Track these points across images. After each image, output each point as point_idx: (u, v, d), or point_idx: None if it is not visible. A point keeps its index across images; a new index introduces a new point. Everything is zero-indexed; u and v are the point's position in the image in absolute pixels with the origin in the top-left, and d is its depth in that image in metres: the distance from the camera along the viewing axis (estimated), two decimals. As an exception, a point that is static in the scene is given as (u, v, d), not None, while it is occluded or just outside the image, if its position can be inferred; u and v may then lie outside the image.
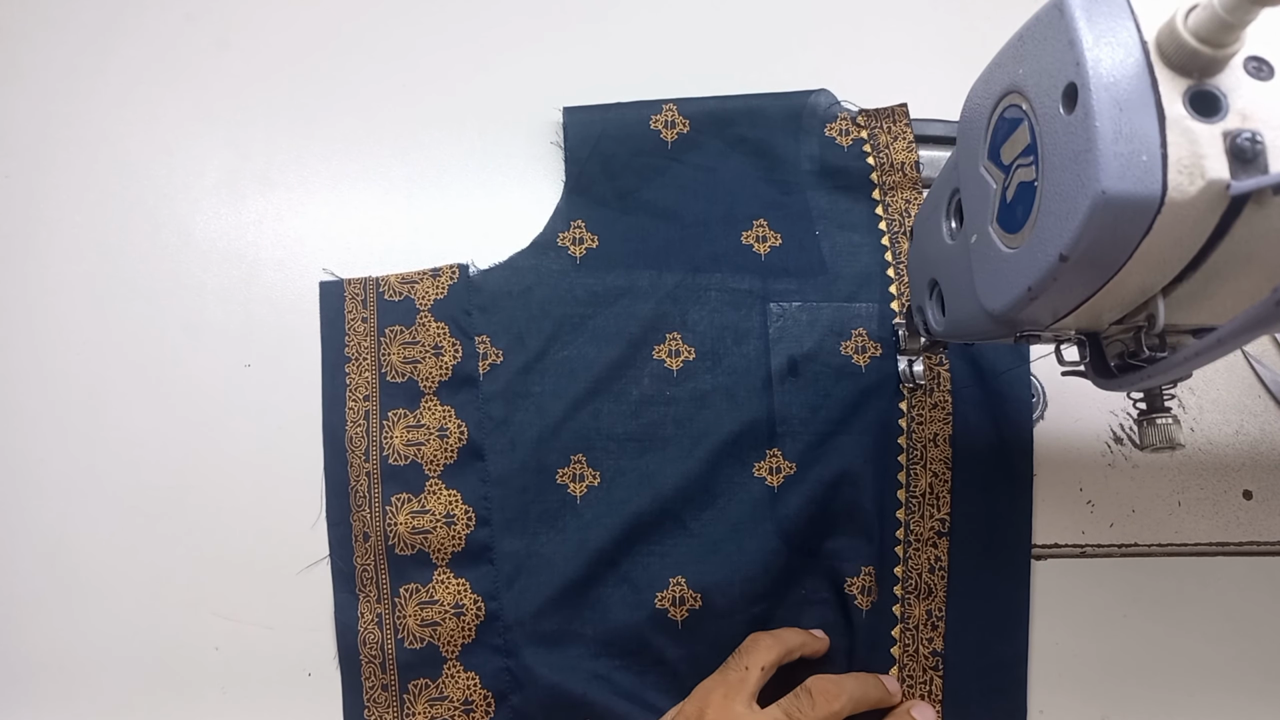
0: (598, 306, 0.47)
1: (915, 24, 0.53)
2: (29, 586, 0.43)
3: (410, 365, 0.45)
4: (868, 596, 0.44)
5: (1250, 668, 0.45)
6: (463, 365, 0.46)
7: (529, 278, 0.47)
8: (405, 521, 0.43)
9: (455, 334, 0.46)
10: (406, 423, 0.45)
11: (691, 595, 0.43)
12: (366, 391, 0.45)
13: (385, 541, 0.43)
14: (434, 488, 0.44)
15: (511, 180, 0.49)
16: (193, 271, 0.47)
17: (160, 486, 0.44)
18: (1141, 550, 0.46)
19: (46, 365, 0.45)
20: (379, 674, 0.43)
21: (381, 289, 0.46)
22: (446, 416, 0.45)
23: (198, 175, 0.49)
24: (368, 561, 0.43)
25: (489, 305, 0.46)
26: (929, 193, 0.38)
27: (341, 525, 0.44)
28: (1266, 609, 0.46)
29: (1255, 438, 0.48)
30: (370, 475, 0.44)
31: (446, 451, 0.45)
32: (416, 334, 0.46)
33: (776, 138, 0.49)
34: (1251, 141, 0.22)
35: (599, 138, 0.48)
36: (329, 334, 0.46)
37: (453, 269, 0.47)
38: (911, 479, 0.46)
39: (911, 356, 0.46)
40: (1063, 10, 0.24)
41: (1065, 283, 0.25)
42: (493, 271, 0.47)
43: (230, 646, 0.43)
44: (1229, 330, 0.23)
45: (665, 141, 0.48)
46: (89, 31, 0.50)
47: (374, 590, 0.43)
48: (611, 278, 0.47)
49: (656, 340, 0.46)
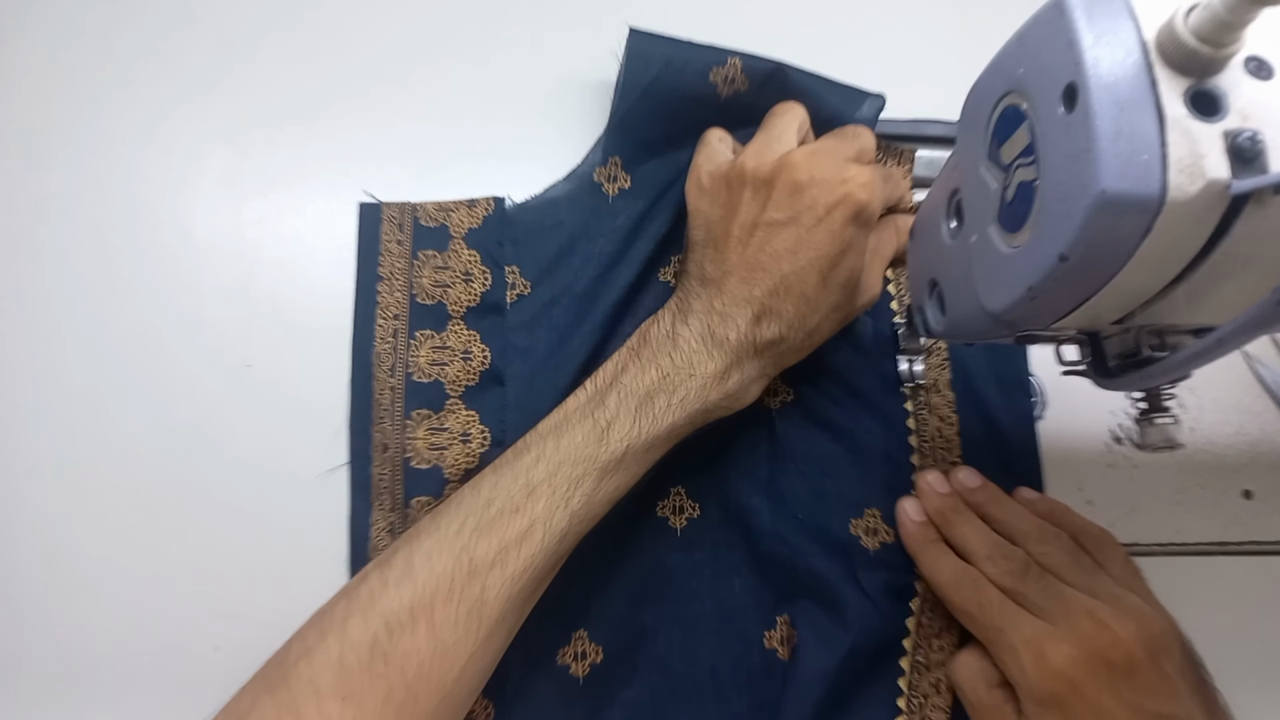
0: (624, 246, 0.47)
1: (915, 24, 0.53)
2: (29, 586, 0.43)
3: (440, 289, 0.47)
4: (874, 538, 0.44)
5: (1250, 668, 0.45)
6: (491, 293, 0.47)
7: (561, 213, 0.48)
8: (424, 437, 0.45)
9: (486, 262, 0.47)
10: (433, 343, 0.46)
11: (690, 504, 0.45)
12: (396, 311, 0.46)
13: (403, 454, 0.44)
14: (453, 407, 0.45)
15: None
16: (193, 271, 0.47)
17: (160, 486, 0.44)
18: (1141, 550, 0.46)
19: (46, 364, 0.45)
20: None
21: (418, 215, 0.48)
22: (472, 340, 0.46)
23: (198, 175, 0.49)
24: (384, 471, 0.44)
25: (521, 238, 0.48)
26: (929, 193, 0.38)
27: (362, 436, 0.45)
28: (1266, 609, 0.46)
29: (1255, 438, 0.48)
30: (394, 390, 0.45)
31: (469, 374, 0.46)
32: (449, 260, 0.47)
33: (829, 126, 0.47)
34: (1251, 141, 0.22)
35: (656, 76, 0.46)
36: (364, 254, 0.47)
37: (489, 201, 0.48)
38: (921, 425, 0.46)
39: (911, 356, 0.46)
40: (1063, 10, 0.24)
41: (1065, 283, 0.25)
42: (527, 206, 0.48)
43: (230, 646, 0.43)
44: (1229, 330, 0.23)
45: (720, 96, 0.46)
46: (89, 31, 0.50)
47: (388, 500, 0.44)
48: (640, 222, 0.48)
49: (663, 263, 0.47)
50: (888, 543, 0.44)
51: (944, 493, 0.43)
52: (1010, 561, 0.39)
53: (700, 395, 0.38)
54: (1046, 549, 0.39)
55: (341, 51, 0.51)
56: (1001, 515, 0.41)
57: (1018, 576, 0.38)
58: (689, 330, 0.39)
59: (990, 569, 0.39)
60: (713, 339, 0.39)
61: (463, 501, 0.37)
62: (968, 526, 0.41)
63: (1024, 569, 0.38)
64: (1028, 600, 0.37)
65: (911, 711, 0.42)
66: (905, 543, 0.43)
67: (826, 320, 0.40)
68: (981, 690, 0.38)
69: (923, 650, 0.43)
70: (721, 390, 0.39)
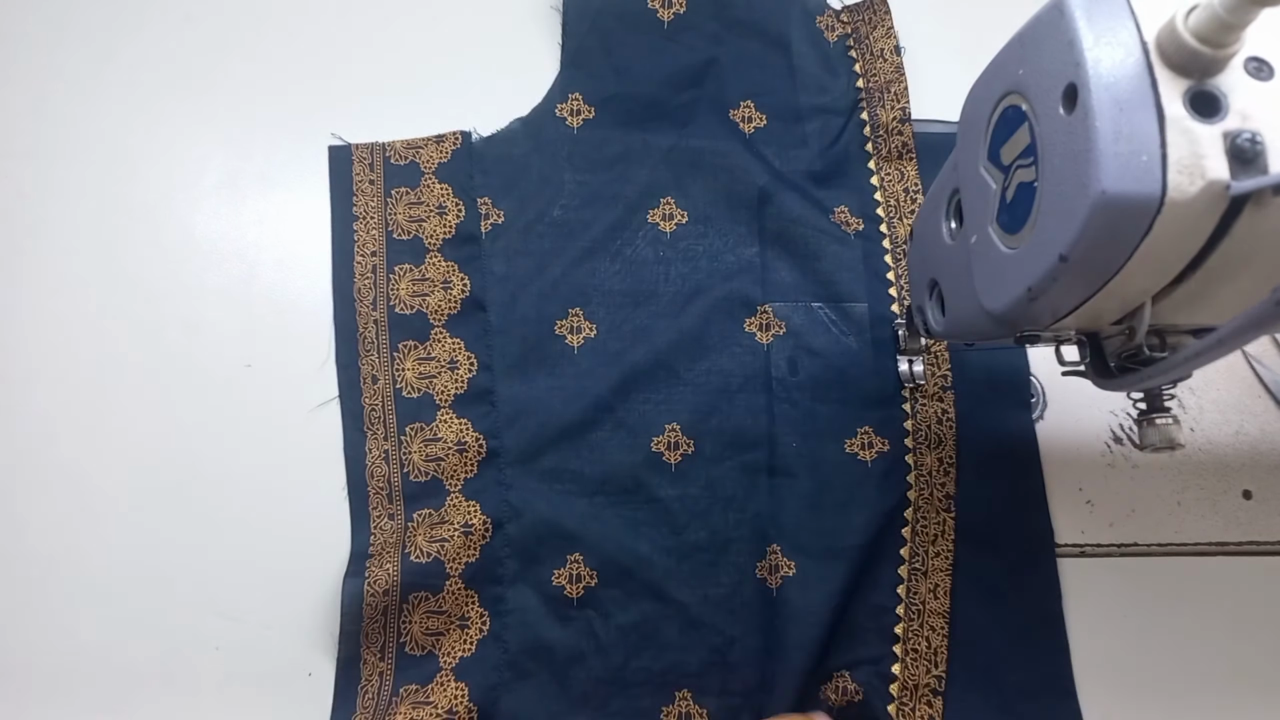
0: (594, 173, 0.49)
1: (915, 24, 0.53)
2: (29, 586, 0.43)
3: (415, 224, 0.48)
4: (870, 450, 0.45)
5: (1250, 667, 0.45)
6: (465, 224, 0.48)
7: (528, 144, 0.50)
8: (412, 367, 0.46)
9: (459, 194, 0.49)
10: (412, 276, 0.47)
11: (685, 440, 0.46)
12: (374, 248, 0.48)
13: (393, 384, 0.46)
14: (439, 336, 0.47)
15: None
16: (193, 271, 0.47)
17: (160, 486, 0.44)
18: (1141, 550, 0.46)
19: (47, 364, 0.45)
20: (385, 504, 0.44)
21: (388, 154, 0.49)
22: (450, 270, 0.48)
23: (198, 175, 0.49)
24: (376, 402, 0.46)
25: (491, 169, 0.49)
26: (929, 193, 0.38)
27: (350, 369, 0.46)
28: (1266, 609, 0.46)
29: (1255, 438, 0.48)
30: (378, 323, 0.47)
31: (450, 302, 0.47)
32: (421, 195, 0.49)
33: (770, 21, 0.51)
34: (1251, 142, 0.22)
35: (597, 13, 0.51)
36: (337, 195, 0.49)
37: (456, 135, 0.50)
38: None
39: (911, 356, 0.46)
40: (1063, 10, 0.24)
41: (1065, 283, 0.25)
42: (494, 139, 0.50)
43: (230, 646, 0.43)
44: (1229, 330, 0.23)
45: (661, 21, 0.50)
46: (89, 31, 0.50)
47: (381, 428, 0.45)
48: (607, 147, 0.50)
49: (651, 204, 0.49)
50: (884, 452, 0.46)
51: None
52: None
53: None
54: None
55: (342, 52, 0.51)
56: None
57: None
58: None
59: None
60: None
61: None
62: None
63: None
64: None
65: (910, 618, 0.43)
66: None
67: None
68: None
69: (920, 558, 0.44)
70: None
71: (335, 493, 0.45)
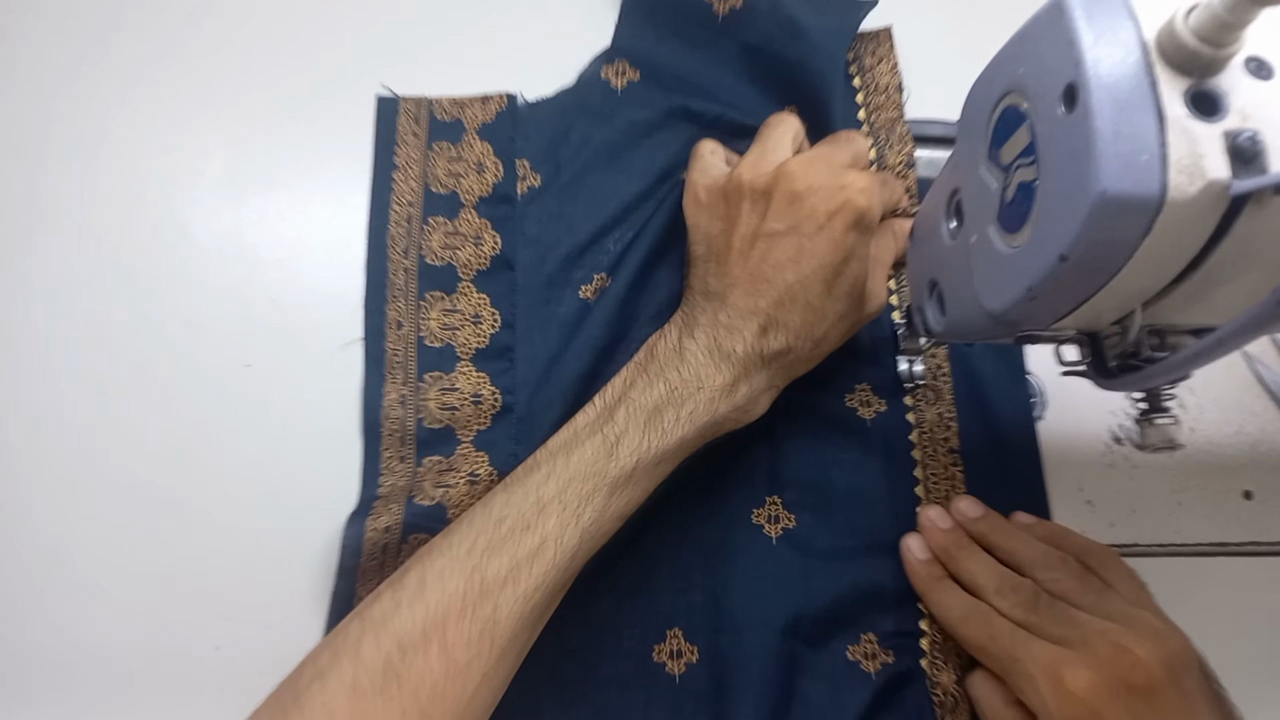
0: (632, 136, 0.49)
1: (915, 24, 0.53)
2: (29, 586, 0.43)
3: (454, 179, 0.49)
4: (869, 409, 0.46)
5: (1250, 668, 0.45)
6: (502, 184, 0.49)
7: (571, 111, 0.50)
8: (437, 318, 0.47)
9: (499, 154, 0.49)
10: (445, 229, 0.48)
11: None
12: (411, 199, 0.48)
13: (417, 332, 0.46)
14: (465, 290, 0.47)
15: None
16: (193, 270, 0.47)
17: (160, 486, 0.44)
18: (1141, 550, 0.46)
19: (46, 363, 0.45)
20: (398, 447, 0.45)
21: (434, 109, 0.50)
22: (483, 227, 0.48)
23: (198, 174, 0.49)
24: (398, 347, 0.46)
25: (532, 134, 0.50)
26: (929, 193, 0.38)
27: (377, 314, 0.47)
28: (1266, 609, 0.46)
29: (1255, 438, 0.48)
30: (408, 271, 0.47)
31: (480, 258, 0.47)
32: (462, 151, 0.49)
33: (818, 36, 0.49)
34: (1251, 142, 0.22)
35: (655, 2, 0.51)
36: (381, 144, 0.49)
37: (501, 97, 0.50)
38: None
39: (911, 356, 0.46)
40: (1063, 10, 0.24)
41: (1065, 283, 0.25)
42: (539, 105, 0.51)
43: (230, 646, 0.43)
44: (1229, 330, 0.23)
45: (717, 15, 0.50)
46: (89, 31, 0.50)
47: (401, 374, 0.46)
48: (648, 111, 0.50)
49: (682, 170, 0.48)
50: (881, 412, 0.46)
51: (946, 528, 0.42)
52: (1019, 593, 0.38)
53: (709, 408, 0.38)
54: (1054, 575, 0.39)
55: (341, 49, 0.51)
56: (1006, 544, 0.41)
57: (1029, 607, 0.38)
58: (695, 344, 0.39)
59: (1000, 602, 0.39)
60: (719, 352, 0.39)
61: (474, 520, 0.37)
62: (973, 561, 0.41)
63: (1034, 599, 0.38)
64: (1041, 629, 0.37)
65: None
66: (912, 581, 0.43)
67: (834, 329, 0.40)
68: (999, 707, 0.38)
69: None
70: (730, 403, 0.39)
71: (336, 493, 0.45)
